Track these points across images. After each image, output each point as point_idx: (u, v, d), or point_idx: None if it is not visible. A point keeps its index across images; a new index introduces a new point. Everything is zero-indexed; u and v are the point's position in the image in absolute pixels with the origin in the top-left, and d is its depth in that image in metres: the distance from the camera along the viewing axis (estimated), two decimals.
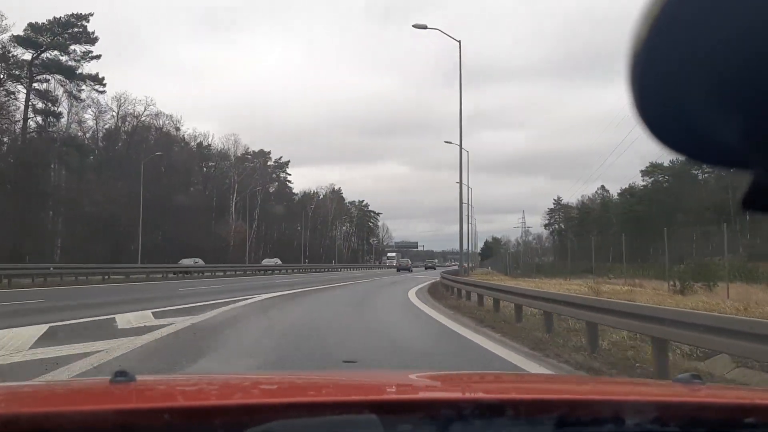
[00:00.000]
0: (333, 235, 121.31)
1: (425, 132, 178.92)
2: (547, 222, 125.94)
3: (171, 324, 11.09)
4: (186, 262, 49.64)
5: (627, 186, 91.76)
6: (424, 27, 33.53)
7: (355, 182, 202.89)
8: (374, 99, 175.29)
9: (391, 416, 1.21)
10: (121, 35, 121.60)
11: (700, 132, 0.63)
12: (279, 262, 70.12)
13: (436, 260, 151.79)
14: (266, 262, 69.63)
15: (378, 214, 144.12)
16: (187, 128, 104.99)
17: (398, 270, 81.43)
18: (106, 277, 34.11)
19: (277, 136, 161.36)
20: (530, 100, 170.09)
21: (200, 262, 52.34)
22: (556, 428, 1.26)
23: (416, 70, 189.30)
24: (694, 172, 73.31)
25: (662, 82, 0.61)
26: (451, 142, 44.95)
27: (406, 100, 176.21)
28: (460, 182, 36.28)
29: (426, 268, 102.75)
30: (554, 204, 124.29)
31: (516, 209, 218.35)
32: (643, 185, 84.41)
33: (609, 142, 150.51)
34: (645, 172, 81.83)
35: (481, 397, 1.54)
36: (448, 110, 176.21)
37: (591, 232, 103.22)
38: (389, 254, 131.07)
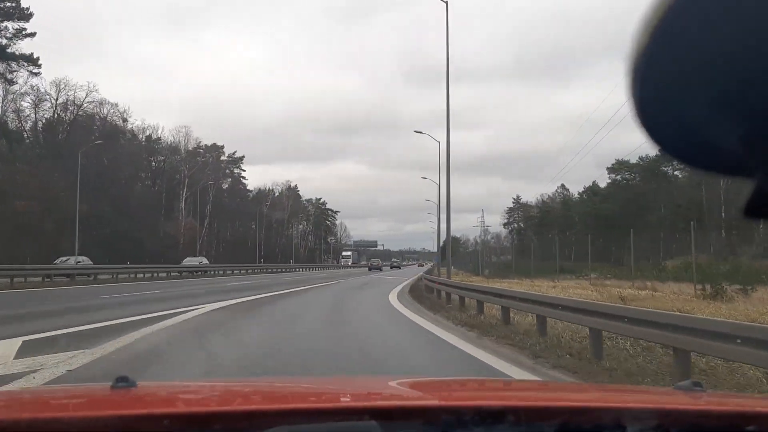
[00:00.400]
0: (289, 234, 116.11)
1: (384, 131, 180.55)
2: (506, 221, 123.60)
3: (32, 372, 6.46)
4: (67, 260, 39.82)
5: (591, 184, 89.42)
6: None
7: (313, 181, 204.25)
8: (333, 97, 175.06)
9: (391, 422, 1.21)
10: (73, 31, 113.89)
11: (701, 139, 0.63)
12: (205, 261, 59.16)
13: (401, 260, 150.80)
14: (188, 261, 54.56)
15: (336, 212, 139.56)
16: (135, 119, 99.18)
17: (369, 269, 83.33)
18: (27, 279, 28.19)
19: (234, 134, 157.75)
20: (488, 101, 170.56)
21: (85, 260, 41.57)
22: None
23: (377, 69, 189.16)
24: (664, 168, 70.60)
25: (663, 89, 0.60)
26: (421, 132, 41.84)
27: (366, 99, 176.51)
28: (447, 181, 32.29)
29: (392, 267, 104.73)
30: (513, 203, 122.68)
31: (474, 209, 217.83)
32: (609, 182, 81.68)
33: (566, 144, 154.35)
34: (611, 169, 79.06)
35: (481, 404, 1.42)
36: (408, 109, 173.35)
37: (552, 231, 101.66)
38: (344, 253, 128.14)
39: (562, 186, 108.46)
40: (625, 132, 68.33)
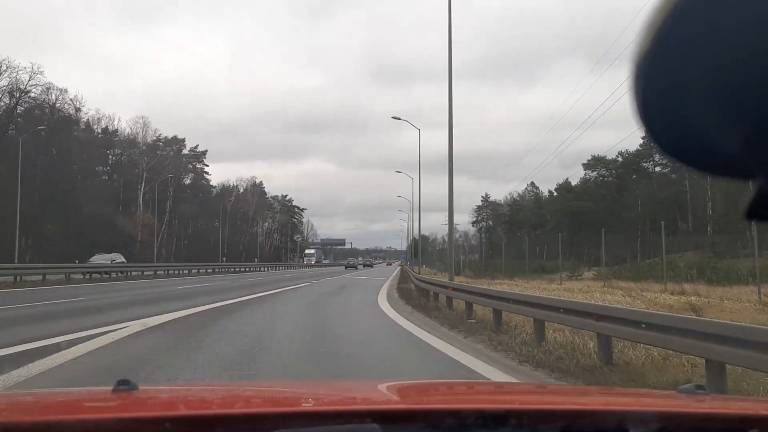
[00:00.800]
0: (254, 232, 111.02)
1: (351, 129, 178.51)
2: (475, 219, 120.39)
3: None
4: None
5: (563, 181, 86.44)
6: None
7: (279, 179, 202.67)
8: (299, 94, 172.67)
9: (393, 426, 1.21)
10: (30, 24, 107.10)
11: (703, 142, 0.62)
12: (120, 259, 47.29)
13: (373, 258, 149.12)
14: (97, 259, 43.78)
15: (302, 209, 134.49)
16: (90, 109, 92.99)
17: (346, 267, 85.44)
18: None
19: (197, 130, 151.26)
20: (455, 100, 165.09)
21: None
22: None
23: (343, 67, 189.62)
24: (644, 164, 67.57)
25: (666, 92, 0.60)
26: (399, 118, 38.10)
27: (332, 96, 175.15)
28: (450, 172, 28.04)
29: (365, 266, 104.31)
30: (482, 201, 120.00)
31: (440, 208, 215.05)
32: (584, 178, 78.54)
33: (532, 144, 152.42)
34: (587, 166, 75.90)
35: (484, 407, 1.41)
36: (375, 108, 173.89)
37: (523, 229, 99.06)
38: (307, 251, 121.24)
39: (532, 184, 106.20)
40: (591, 133, 66.91)
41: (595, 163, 74.26)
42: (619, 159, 71.91)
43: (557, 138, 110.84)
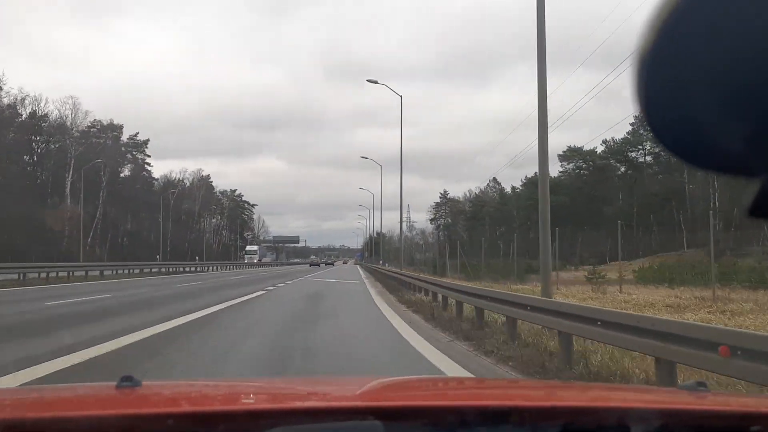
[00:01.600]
0: (201, 228, 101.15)
1: (306, 127, 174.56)
2: (433, 216, 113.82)
3: None
4: None
5: (532, 175, 79.65)
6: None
7: (231, 176, 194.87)
8: (253, 91, 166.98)
9: (395, 422, 1.19)
10: None
11: (706, 140, 0.62)
12: None
13: (329, 257, 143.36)
14: None
15: (253, 205, 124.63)
16: (12, 88, 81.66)
17: (310, 266, 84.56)
18: None
19: (148, 125, 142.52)
20: (410, 99, 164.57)
21: None
22: None
23: (298, 65, 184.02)
24: (631, 154, 60.88)
25: (669, 89, 0.59)
26: (376, 81, 30.98)
27: (287, 94, 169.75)
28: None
29: (326, 264, 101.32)
30: (441, 198, 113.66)
31: (396, 206, 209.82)
32: (561, 171, 71.76)
33: (487, 144, 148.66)
34: (563, 157, 69.03)
35: (486, 404, 1.40)
36: (330, 106, 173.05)
37: (485, 225, 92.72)
38: (248, 248, 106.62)
39: (494, 180, 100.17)
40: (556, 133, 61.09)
41: (572, 154, 67.48)
42: (598, 150, 65.26)
43: (517, 138, 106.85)
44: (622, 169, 61.75)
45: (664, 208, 51.24)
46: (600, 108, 73.78)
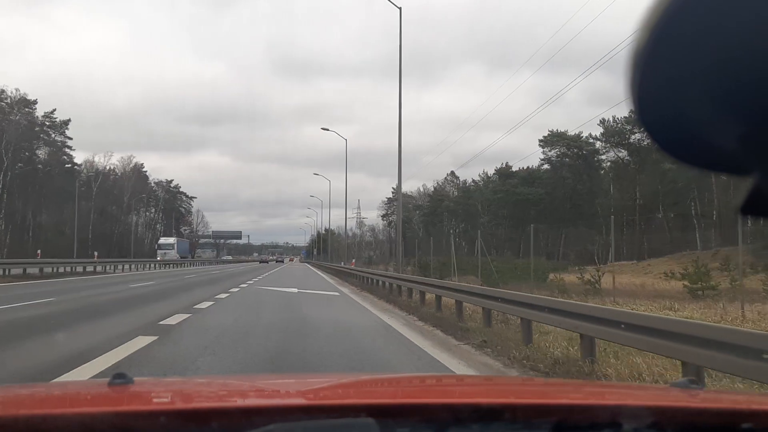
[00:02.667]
0: (131, 221, 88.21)
1: (250, 123, 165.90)
2: (384, 212, 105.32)
3: None
4: None
5: (503, 165, 70.66)
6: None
7: (172, 172, 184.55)
8: (196, 85, 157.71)
9: (388, 420, 1.16)
10: None
11: (700, 138, 0.61)
12: None
13: (274, 254, 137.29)
14: None
15: (192, 198, 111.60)
16: None
17: (260, 263, 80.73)
18: None
19: (84, 118, 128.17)
20: (356, 96, 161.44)
21: None
22: None
23: (244, 59, 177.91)
24: (635, 135, 51.79)
25: (662, 88, 0.58)
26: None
27: (231, 88, 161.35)
28: None
29: (276, 261, 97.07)
30: (393, 193, 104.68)
31: (340, 204, 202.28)
32: (542, 159, 62.68)
33: (432, 142, 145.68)
34: (545, 142, 59.83)
35: (479, 401, 1.35)
36: (275, 102, 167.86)
37: (444, 221, 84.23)
38: (162, 241, 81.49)
39: (452, 174, 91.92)
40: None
41: (555, 139, 58.34)
42: (582, 135, 56.32)
43: (469, 137, 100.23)
44: (622, 153, 52.72)
45: (684, 199, 42.48)
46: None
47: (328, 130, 37.00)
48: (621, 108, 40.23)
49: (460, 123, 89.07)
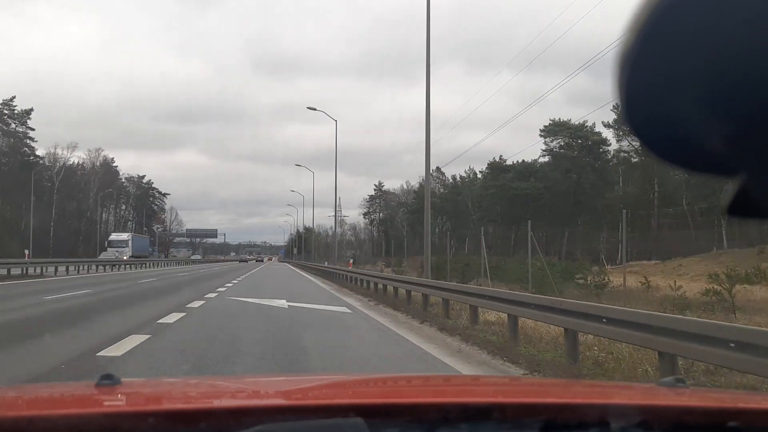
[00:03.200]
0: (97, 218, 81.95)
1: (229, 121, 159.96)
2: (366, 211, 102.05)
3: None
4: None
5: (496, 159, 65.96)
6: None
7: (148, 170, 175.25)
8: (174, 83, 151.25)
9: (377, 420, 1.15)
10: None
11: (686, 139, 0.60)
12: None
13: (261, 254, 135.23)
14: None
15: (165, 194, 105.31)
16: None
17: (240, 261, 79.06)
18: None
19: (59, 116, 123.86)
20: (336, 95, 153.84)
21: None
22: None
23: (223, 57, 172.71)
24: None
25: (649, 89, 0.58)
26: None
27: (210, 86, 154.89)
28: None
29: (257, 261, 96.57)
30: (375, 190, 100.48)
31: (322, 203, 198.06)
32: (543, 150, 58.01)
33: (411, 142, 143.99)
34: (546, 132, 55.08)
35: (468, 401, 1.36)
36: (255, 100, 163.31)
37: (434, 218, 79.55)
38: (113, 237, 69.87)
39: (438, 170, 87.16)
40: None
41: (557, 128, 53.58)
42: (587, 124, 51.75)
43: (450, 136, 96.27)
44: (637, 141, 48.28)
45: (715, 192, 38.09)
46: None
47: (315, 109, 34.53)
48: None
49: (443, 122, 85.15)
